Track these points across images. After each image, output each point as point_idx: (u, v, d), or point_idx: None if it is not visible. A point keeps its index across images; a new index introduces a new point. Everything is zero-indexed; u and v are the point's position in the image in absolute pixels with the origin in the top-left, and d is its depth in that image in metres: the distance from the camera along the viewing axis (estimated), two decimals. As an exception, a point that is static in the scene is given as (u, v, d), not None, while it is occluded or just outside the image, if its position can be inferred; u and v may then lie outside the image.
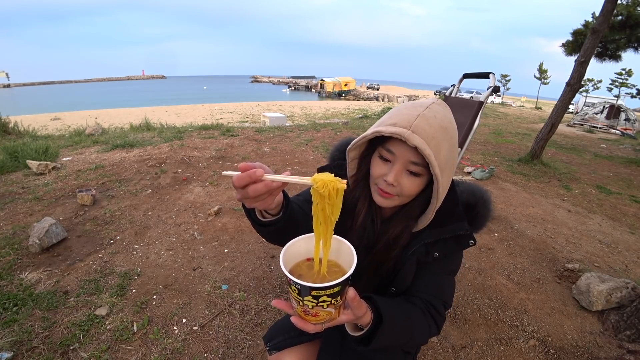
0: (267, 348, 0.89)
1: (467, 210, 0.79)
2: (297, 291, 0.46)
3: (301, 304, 0.47)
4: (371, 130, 0.63)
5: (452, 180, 0.72)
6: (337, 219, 0.51)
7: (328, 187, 0.47)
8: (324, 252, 0.52)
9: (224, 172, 0.50)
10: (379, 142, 0.66)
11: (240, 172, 0.49)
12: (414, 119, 0.60)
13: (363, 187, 0.74)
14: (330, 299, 0.46)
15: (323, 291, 0.45)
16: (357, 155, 0.73)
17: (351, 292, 0.53)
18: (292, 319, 0.54)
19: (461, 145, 2.31)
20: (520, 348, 1.57)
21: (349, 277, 0.47)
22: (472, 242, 0.73)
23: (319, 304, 0.47)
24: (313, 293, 0.45)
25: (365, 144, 0.70)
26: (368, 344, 0.62)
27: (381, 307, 0.62)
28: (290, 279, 0.45)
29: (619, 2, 5.49)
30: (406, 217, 0.72)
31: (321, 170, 0.73)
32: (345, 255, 0.51)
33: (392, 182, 0.64)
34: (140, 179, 3.18)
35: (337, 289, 0.46)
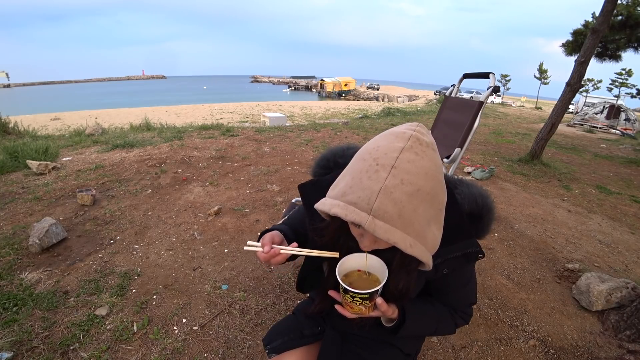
0: (267, 351, 0.88)
1: (471, 220, 0.77)
2: (342, 289, 0.66)
3: (344, 298, 0.69)
4: (332, 211, 0.57)
5: (450, 184, 0.69)
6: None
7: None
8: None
9: (246, 247, 0.70)
10: None
11: (263, 250, 0.69)
12: (374, 199, 0.53)
13: (340, 233, 0.70)
14: (361, 300, 0.66)
15: (357, 295, 0.64)
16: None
17: (379, 299, 0.68)
18: (337, 306, 0.72)
19: (461, 145, 2.31)
20: (520, 348, 1.57)
21: (375, 291, 0.65)
22: (480, 256, 0.72)
23: (354, 301, 0.66)
24: (350, 294, 0.65)
25: None
26: (396, 333, 0.77)
27: (406, 309, 0.75)
28: (339, 280, 0.66)
29: (619, 2, 5.49)
30: (404, 272, 0.68)
31: (301, 188, 0.80)
32: (382, 275, 0.69)
33: (368, 249, 0.63)
34: (140, 179, 3.18)
35: (366, 296, 0.65)
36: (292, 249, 0.71)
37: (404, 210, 0.53)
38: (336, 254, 0.70)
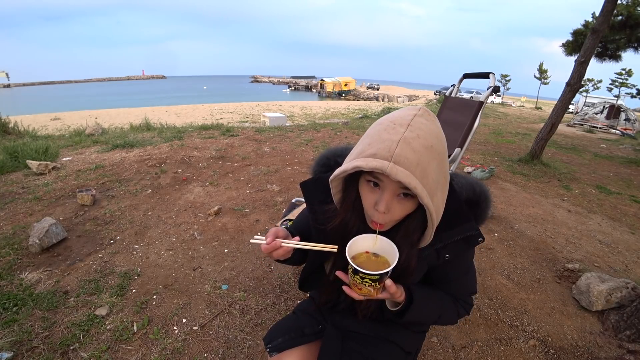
0: (268, 349, 0.88)
1: (470, 206, 0.79)
2: (352, 270, 0.65)
3: (352, 279, 0.67)
4: (351, 164, 0.60)
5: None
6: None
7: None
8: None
9: (252, 240, 0.72)
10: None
11: (266, 242, 0.70)
12: (395, 147, 0.56)
13: (352, 213, 0.73)
14: (371, 282, 0.65)
15: (367, 276, 0.64)
16: (341, 185, 0.71)
17: (389, 281, 0.67)
18: (344, 287, 0.71)
19: (461, 145, 2.31)
20: (520, 348, 1.57)
21: (385, 272, 0.64)
22: (480, 240, 0.74)
23: (363, 282, 0.65)
24: (360, 274, 0.64)
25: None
26: (402, 317, 0.76)
27: (413, 292, 0.75)
28: (349, 260, 0.65)
29: (619, 2, 5.49)
30: (407, 243, 0.69)
31: (303, 185, 0.81)
32: (393, 257, 0.67)
33: (383, 211, 0.63)
34: (140, 179, 3.18)
35: (376, 277, 0.64)
36: (293, 243, 0.72)
37: (421, 159, 0.57)
38: (335, 248, 0.71)
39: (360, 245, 0.70)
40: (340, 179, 0.68)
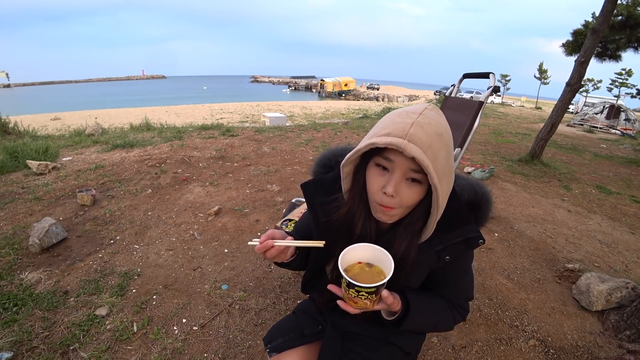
0: (268, 350, 0.88)
1: (471, 208, 0.78)
2: (346, 283, 0.63)
3: (347, 293, 0.65)
4: (365, 143, 0.61)
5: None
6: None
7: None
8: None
9: (250, 242, 0.72)
10: (373, 152, 0.64)
11: (259, 243, 0.69)
12: (409, 127, 0.58)
13: (359, 201, 0.72)
14: (367, 295, 0.62)
15: (362, 289, 0.61)
16: (352, 170, 0.71)
17: (385, 292, 0.66)
18: (339, 302, 0.69)
19: (461, 145, 2.31)
20: (520, 348, 1.57)
21: (382, 284, 0.62)
22: (481, 242, 0.73)
23: (359, 296, 0.63)
24: (355, 288, 0.61)
25: (359, 157, 0.67)
26: (399, 326, 0.75)
27: (410, 300, 0.74)
28: (342, 274, 0.62)
29: (619, 2, 5.49)
30: (409, 232, 0.69)
31: (304, 186, 0.81)
32: (388, 266, 0.66)
33: (391, 193, 0.62)
34: (140, 179, 3.18)
35: (372, 289, 0.62)
36: (284, 242, 0.72)
37: (433, 143, 0.59)
38: (321, 243, 0.70)
39: (352, 255, 0.68)
40: (351, 162, 0.68)
